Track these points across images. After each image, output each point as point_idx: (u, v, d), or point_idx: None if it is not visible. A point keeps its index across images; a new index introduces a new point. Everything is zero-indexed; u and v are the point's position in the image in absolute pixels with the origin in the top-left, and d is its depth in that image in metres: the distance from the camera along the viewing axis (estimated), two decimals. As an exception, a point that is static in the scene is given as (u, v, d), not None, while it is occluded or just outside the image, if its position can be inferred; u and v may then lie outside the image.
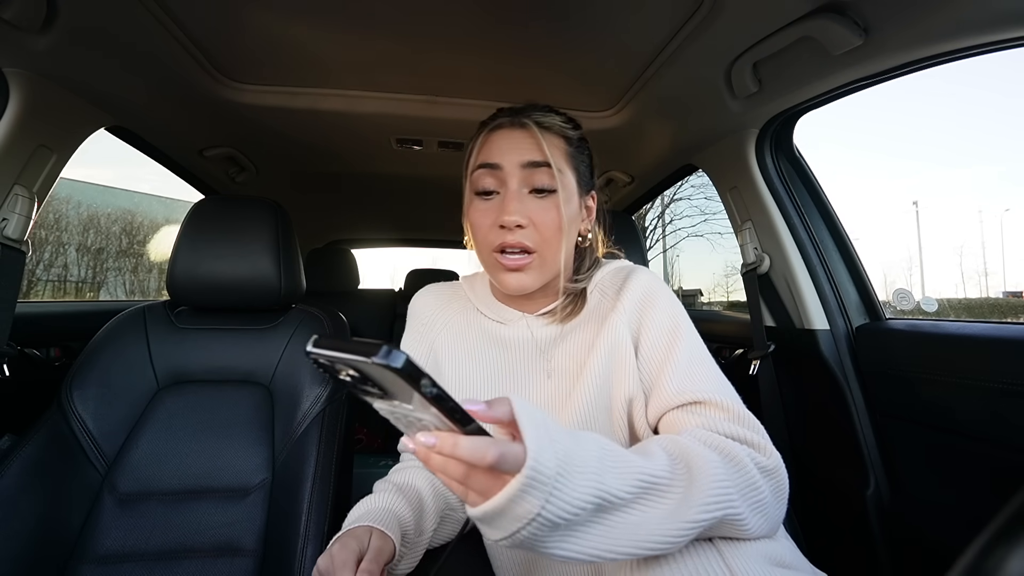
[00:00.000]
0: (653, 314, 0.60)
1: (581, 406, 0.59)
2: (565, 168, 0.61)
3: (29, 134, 0.82)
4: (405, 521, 0.59)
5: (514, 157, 0.59)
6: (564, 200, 0.59)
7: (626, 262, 0.72)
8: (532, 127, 0.60)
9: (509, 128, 0.61)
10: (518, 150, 0.59)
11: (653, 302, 0.61)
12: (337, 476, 0.83)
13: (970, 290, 6.94)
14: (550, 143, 0.60)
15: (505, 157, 0.59)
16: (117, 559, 0.75)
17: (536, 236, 0.59)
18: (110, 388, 0.85)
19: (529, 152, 0.59)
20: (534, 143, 0.59)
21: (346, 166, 1.42)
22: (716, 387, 0.55)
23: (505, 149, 0.60)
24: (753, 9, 0.71)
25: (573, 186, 0.62)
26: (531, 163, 0.58)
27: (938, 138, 16.32)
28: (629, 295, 0.61)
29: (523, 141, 0.60)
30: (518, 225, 0.57)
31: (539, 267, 0.60)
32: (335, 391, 0.90)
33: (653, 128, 1.13)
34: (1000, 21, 0.60)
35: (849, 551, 0.89)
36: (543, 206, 0.59)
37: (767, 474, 0.49)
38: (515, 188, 0.59)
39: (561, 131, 0.62)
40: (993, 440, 0.70)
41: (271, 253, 0.91)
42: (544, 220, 0.58)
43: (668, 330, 0.59)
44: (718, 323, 1.39)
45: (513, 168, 0.59)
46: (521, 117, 0.61)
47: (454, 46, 0.87)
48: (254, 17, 0.78)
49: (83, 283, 7.09)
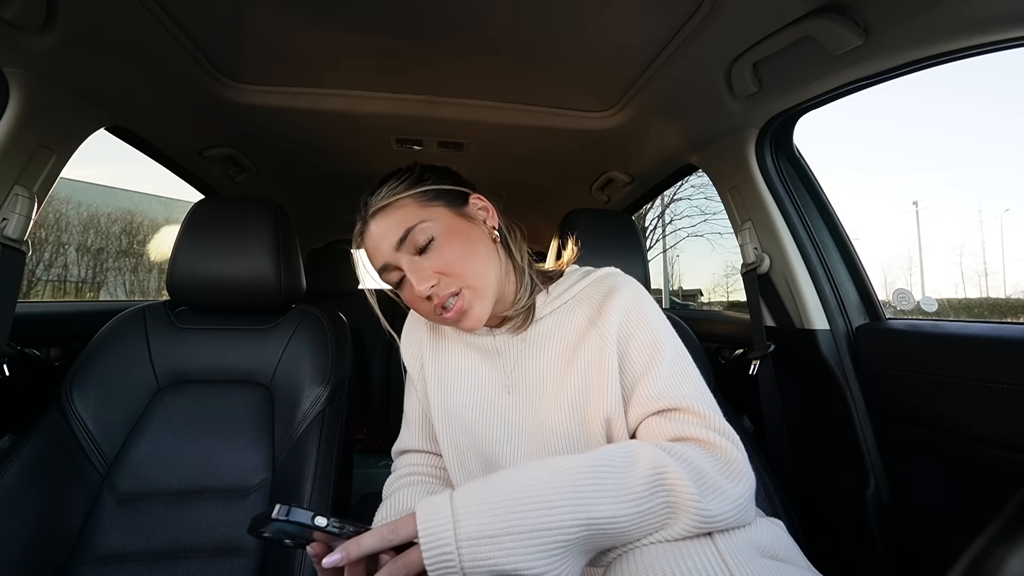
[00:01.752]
0: (639, 329, 0.61)
1: (551, 420, 0.60)
2: (426, 212, 0.62)
3: (29, 134, 0.82)
4: None
5: (385, 247, 0.62)
6: (447, 234, 0.61)
7: (610, 271, 0.71)
8: (378, 213, 0.63)
9: (365, 230, 0.65)
10: (383, 239, 0.62)
11: (638, 318, 0.62)
12: (337, 476, 0.83)
13: (970, 290, 6.96)
14: (399, 208, 0.62)
15: (381, 253, 0.62)
16: (117, 559, 0.75)
17: (451, 280, 0.61)
18: (110, 388, 0.85)
19: (391, 233, 0.61)
20: (389, 222, 0.62)
21: (346, 166, 1.42)
22: (693, 394, 0.56)
23: (376, 247, 0.63)
24: (753, 9, 0.71)
25: (446, 213, 0.63)
26: (399, 241, 0.61)
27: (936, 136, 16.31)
28: (613, 311, 0.62)
29: (381, 228, 0.62)
30: (432, 287, 0.60)
31: (477, 296, 0.61)
32: (335, 391, 0.90)
33: (653, 128, 1.13)
34: (1000, 21, 0.60)
35: (849, 551, 0.89)
36: (435, 256, 0.61)
37: (708, 450, 0.51)
38: (408, 263, 0.61)
39: (399, 191, 0.63)
40: (993, 440, 0.70)
41: (271, 253, 0.91)
42: (444, 265, 0.60)
43: (651, 342, 0.60)
44: (718, 323, 1.39)
45: (392, 255, 0.62)
46: (366, 214, 0.64)
47: (454, 46, 0.87)
48: (254, 17, 0.78)
49: (83, 283, 7.09)
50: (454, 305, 0.60)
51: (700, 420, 0.54)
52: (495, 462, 0.64)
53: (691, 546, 0.44)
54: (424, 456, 0.74)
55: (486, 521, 0.41)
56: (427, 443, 0.74)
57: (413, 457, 0.74)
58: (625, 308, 0.62)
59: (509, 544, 0.40)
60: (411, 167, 0.67)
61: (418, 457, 0.74)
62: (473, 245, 0.63)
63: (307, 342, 0.93)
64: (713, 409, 0.56)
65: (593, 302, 0.65)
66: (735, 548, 0.44)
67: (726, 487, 0.48)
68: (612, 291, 0.64)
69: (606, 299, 0.63)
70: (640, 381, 0.58)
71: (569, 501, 0.42)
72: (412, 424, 0.75)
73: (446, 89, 1.03)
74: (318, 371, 0.90)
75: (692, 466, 0.47)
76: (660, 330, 0.61)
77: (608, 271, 0.71)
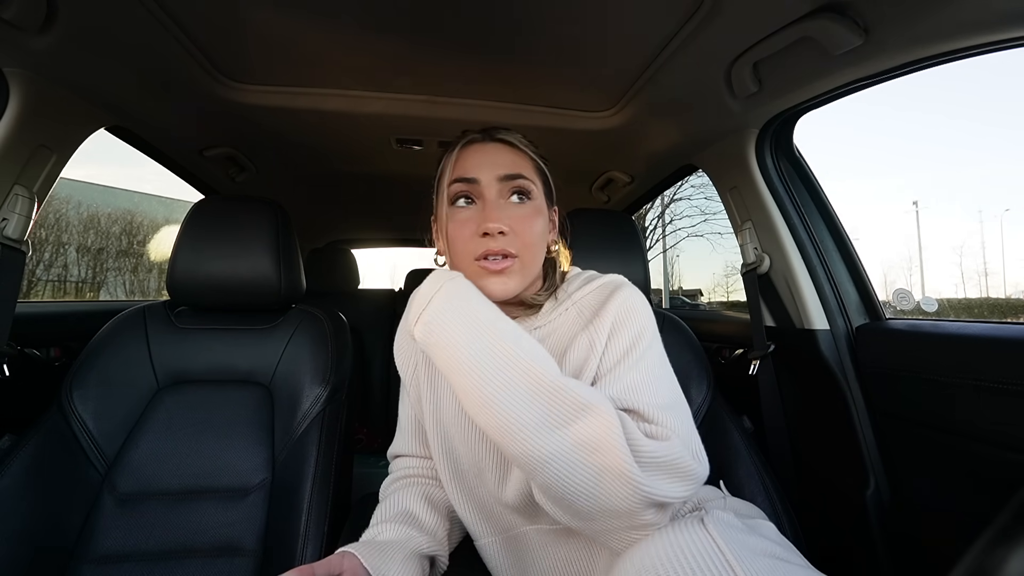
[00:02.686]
0: (621, 328, 0.59)
1: None
2: (536, 181, 0.64)
3: (29, 134, 0.82)
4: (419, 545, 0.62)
5: (490, 171, 0.61)
6: (538, 207, 0.63)
7: (615, 278, 0.68)
8: (504, 142, 0.64)
9: (482, 143, 0.64)
10: (493, 164, 0.61)
11: (626, 318, 0.59)
12: (337, 476, 0.83)
13: (970, 290, 6.95)
14: (521, 157, 0.64)
15: (482, 170, 0.61)
16: (117, 559, 0.75)
17: (517, 242, 0.60)
18: (110, 388, 0.85)
19: (504, 165, 0.61)
20: (508, 157, 0.62)
21: (346, 166, 1.42)
22: (651, 401, 0.52)
23: (481, 163, 0.61)
24: (753, 9, 0.71)
25: (542, 199, 0.65)
26: (507, 176, 0.61)
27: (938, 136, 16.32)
28: (607, 314, 0.60)
29: (497, 155, 0.62)
30: (500, 232, 0.58)
31: (520, 271, 0.60)
32: (335, 391, 0.90)
33: (653, 128, 1.13)
34: (1000, 21, 0.60)
35: (849, 551, 0.89)
36: (522, 212, 0.61)
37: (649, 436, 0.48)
38: (494, 197, 0.60)
39: (528, 148, 0.66)
40: (993, 440, 0.70)
41: (271, 253, 0.91)
42: (524, 226, 0.60)
43: (626, 345, 0.57)
44: (718, 323, 1.39)
45: (491, 180, 0.61)
46: (492, 133, 0.65)
47: (454, 46, 0.87)
48: (254, 17, 0.78)
49: (83, 283, 7.09)
50: (501, 263, 0.59)
51: (648, 426, 0.50)
52: (485, 474, 0.63)
53: (692, 544, 0.44)
54: (419, 460, 0.74)
55: (453, 333, 0.49)
56: (421, 448, 0.74)
57: (409, 460, 0.75)
58: (618, 310, 0.60)
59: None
60: (536, 148, 0.68)
61: (413, 460, 0.75)
62: (543, 235, 0.64)
63: (307, 342, 0.93)
64: (670, 416, 0.51)
65: (590, 307, 0.63)
66: (736, 547, 0.44)
67: (647, 443, 0.46)
68: (612, 296, 0.62)
69: (604, 304, 0.62)
70: (602, 378, 0.56)
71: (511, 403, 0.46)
72: (405, 430, 0.75)
73: (446, 89, 1.03)
74: (318, 371, 0.90)
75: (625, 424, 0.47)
76: (643, 331, 0.59)
77: (611, 279, 0.68)
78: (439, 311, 0.50)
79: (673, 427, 0.50)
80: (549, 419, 0.45)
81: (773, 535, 0.57)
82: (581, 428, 0.45)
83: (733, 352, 1.20)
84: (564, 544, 0.60)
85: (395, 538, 0.61)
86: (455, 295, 0.51)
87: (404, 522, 0.63)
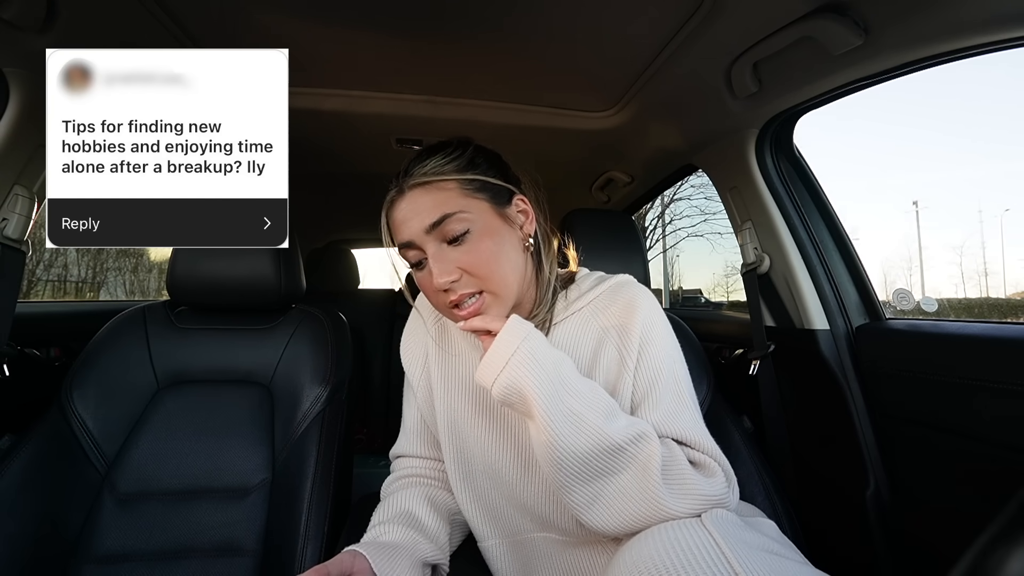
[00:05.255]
0: (647, 347, 0.62)
1: None
2: (467, 202, 0.59)
3: (29, 134, 0.82)
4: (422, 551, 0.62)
5: (415, 225, 0.58)
6: (482, 232, 0.58)
7: (625, 279, 0.68)
8: (417, 187, 0.59)
9: (399, 199, 0.60)
10: (416, 216, 0.58)
11: (650, 338, 0.62)
12: (337, 476, 0.83)
13: (970, 290, 6.94)
14: (441, 189, 0.58)
15: (410, 228, 0.58)
16: (117, 559, 0.75)
17: (474, 279, 0.58)
18: (110, 388, 0.85)
19: (426, 212, 0.57)
20: (427, 200, 0.58)
21: (346, 166, 1.42)
22: (689, 425, 0.58)
23: (406, 220, 0.59)
24: (753, 9, 0.71)
25: (487, 208, 0.60)
26: (432, 224, 0.57)
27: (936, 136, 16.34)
28: (633, 329, 0.61)
29: (416, 204, 0.58)
30: (452, 282, 0.57)
31: (496, 300, 0.59)
32: (335, 391, 0.90)
33: (653, 128, 1.13)
34: (1000, 21, 0.60)
35: (849, 551, 0.89)
36: (464, 251, 0.58)
37: (696, 465, 0.55)
38: (434, 250, 0.58)
39: (446, 171, 0.59)
40: (993, 440, 0.70)
41: (271, 253, 0.91)
42: (471, 263, 0.57)
43: (655, 366, 0.61)
44: (718, 323, 1.39)
45: (421, 236, 0.58)
46: (404, 183, 0.60)
47: (454, 46, 0.87)
48: (254, 17, 0.78)
49: (83, 283, 7.09)
50: (470, 305, 0.58)
51: (693, 452, 0.57)
52: (502, 478, 0.63)
53: (690, 540, 0.44)
54: (422, 460, 0.74)
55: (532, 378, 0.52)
56: (426, 450, 0.73)
57: (411, 460, 0.74)
58: (643, 324, 0.62)
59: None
60: (463, 144, 0.62)
61: (416, 460, 0.74)
62: (505, 250, 0.60)
63: (307, 342, 0.93)
64: (706, 438, 0.58)
65: (611, 313, 0.64)
66: (734, 542, 0.44)
67: (695, 478, 0.52)
68: (633, 305, 0.63)
69: (629, 313, 0.62)
70: (642, 402, 0.60)
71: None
72: (411, 432, 0.74)
73: (446, 89, 1.03)
74: (318, 371, 0.90)
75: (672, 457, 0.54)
76: (666, 353, 0.62)
77: (622, 280, 0.68)
78: (518, 376, 0.53)
79: (713, 452, 0.57)
80: (604, 470, 0.53)
81: (773, 532, 0.57)
82: (627, 479, 0.52)
83: (733, 352, 1.20)
84: (571, 553, 0.61)
85: (400, 541, 0.60)
86: (530, 359, 0.53)
87: (407, 524, 0.62)
